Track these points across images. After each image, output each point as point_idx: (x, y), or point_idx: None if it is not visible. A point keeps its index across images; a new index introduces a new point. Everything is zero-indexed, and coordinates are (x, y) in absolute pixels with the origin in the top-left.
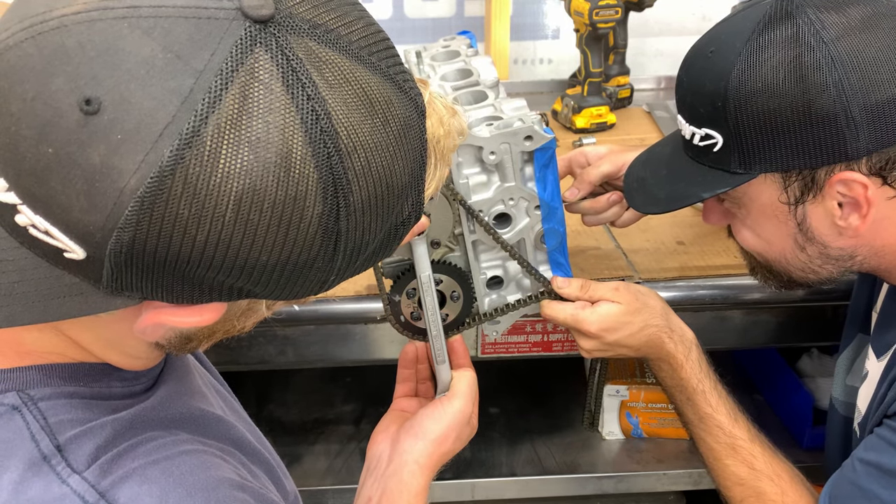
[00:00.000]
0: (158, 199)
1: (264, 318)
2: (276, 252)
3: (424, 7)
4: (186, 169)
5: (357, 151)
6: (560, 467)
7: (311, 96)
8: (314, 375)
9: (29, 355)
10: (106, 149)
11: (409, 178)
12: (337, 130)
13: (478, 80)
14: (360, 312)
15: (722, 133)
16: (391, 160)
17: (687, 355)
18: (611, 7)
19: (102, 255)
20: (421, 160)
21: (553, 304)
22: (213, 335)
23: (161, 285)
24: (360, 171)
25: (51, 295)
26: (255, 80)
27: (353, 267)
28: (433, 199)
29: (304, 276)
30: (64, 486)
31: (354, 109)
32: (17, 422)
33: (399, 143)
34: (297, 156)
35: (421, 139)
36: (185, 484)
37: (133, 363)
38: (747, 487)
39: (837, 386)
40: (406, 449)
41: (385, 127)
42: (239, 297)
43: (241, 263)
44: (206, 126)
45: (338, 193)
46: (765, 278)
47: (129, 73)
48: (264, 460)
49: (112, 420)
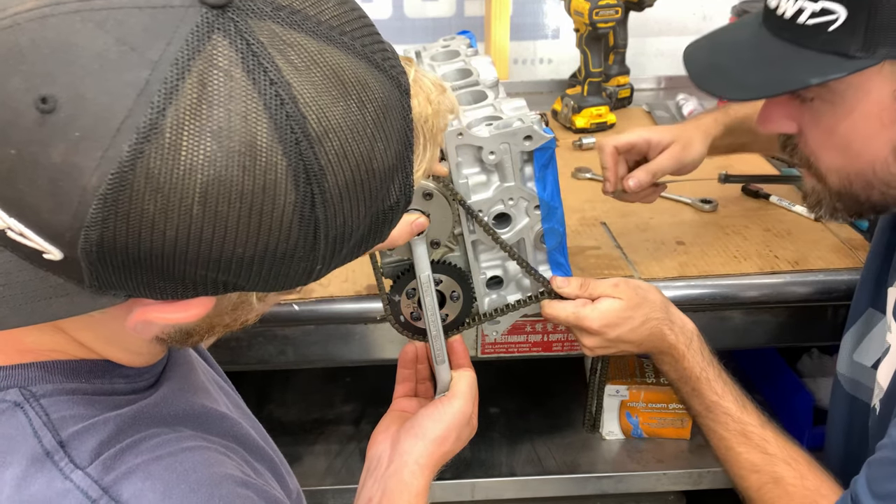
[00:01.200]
0: (121, 195)
1: (261, 311)
2: (251, 244)
3: (424, 7)
4: (147, 163)
5: (329, 136)
6: (560, 467)
7: (274, 81)
8: (314, 375)
9: (30, 353)
10: (65, 147)
11: (393, 160)
12: (304, 115)
13: (477, 80)
14: (360, 312)
15: (848, 5)
16: (370, 143)
17: (688, 345)
18: (611, 7)
19: (76, 254)
20: (406, 141)
21: (554, 303)
22: (212, 329)
23: (142, 282)
24: (334, 156)
25: (37, 296)
26: (214, 67)
27: (341, 255)
28: (433, 199)
29: (286, 266)
30: (67, 481)
31: (324, 92)
32: (19, 418)
33: (378, 124)
34: (262, 143)
35: (405, 119)
36: (189, 480)
37: (135, 359)
38: (763, 474)
39: (842, 362)
40: (406, 449)
41: (361, 108)
42: (225, 291)
43: (217, 256)
44: (164, 118)
45: (311, 180)
46: (832, 209)
47: (84, 68)
48: (268, 457)
49: (115, 416)
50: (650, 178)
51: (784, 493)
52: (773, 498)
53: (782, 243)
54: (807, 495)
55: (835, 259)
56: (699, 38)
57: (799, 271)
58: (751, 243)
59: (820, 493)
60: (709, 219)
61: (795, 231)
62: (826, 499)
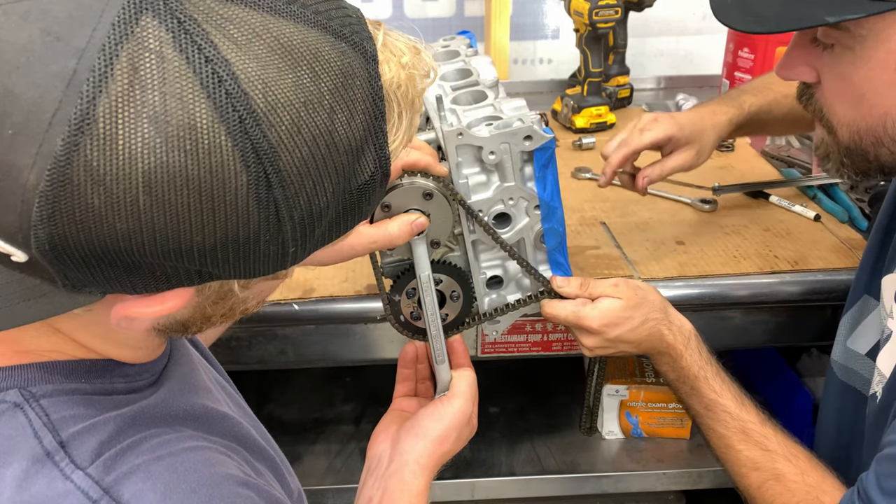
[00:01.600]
0: (62, 191)
1: (258, 299)
2: (210, 230)
3: (424, 7)
4: (84, 155)
5: (277, 111)
6: (560, 467)
7: (210, 58)
8: (314, 375)
9: (28, 354)
10: (1, 146)
11: (360, 132)
12: (246, 91)
13: (477, 80)
14: (360, 312)
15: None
16: (328, 115)
17: (686, 344)
18: (610, 7)
19: (33, 254)
20: (375, 111)
21: (554, 302)
22: (208, 319)
23: (112, 278)
24: (286, 133)
25: (16, 299)
26: (145, 49)
27: (316, 235)
28: (433, 199)
29: (255, 251)
30: (67, 482)
31: (269, 65)
32: (19, 419)
33: (337, 95)
34: (203, 124)
35: (371, 87)
36: (189, 480)
37: (135, 354)
38: (764, 471)
39: (837, 349)
40: (406, 449)
41: (315, 80)
42: (200, 281)
43: (176, 246)
44: (95, 107)
45: (262, 160)
46: (839, 164)
47: (10, 63)
48: (269, 457)
49: (115, 416)
50: (662, 178)
51: (785, 490)
52: (775, 495)
53: (782, 243)
54: (809, 491)
55: (834, 259)
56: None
57: (799, 271)
58: (750, 243)
59: (822, 489)
60: (708, 219)
61: (795, 231)
62: (828, 495)
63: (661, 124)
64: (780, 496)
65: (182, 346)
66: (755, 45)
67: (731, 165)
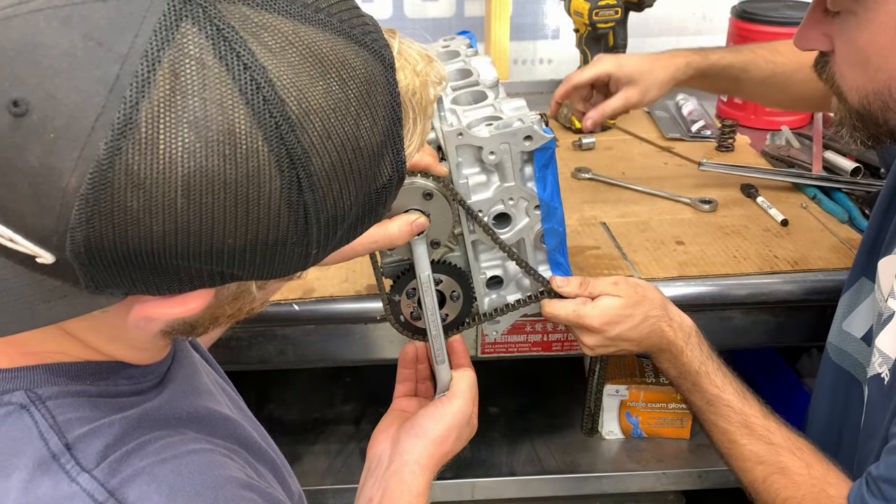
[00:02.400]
0: (103, 194)
1: (263, 300)
2: (241, 233)
3: (424, 7)
4: (126, 159)
5: (310, 117)
6: (560, 467)
7: (248, 65)
8: (314, 375)
9: (34, 355)
10: (41, 150)
11: (381, 137)
12: (282, 98)
13: (477, 80)
14: (360, 312)
15: None
16: (355, 121)
17: (686, 340)
18: (610, 7)
19: (66, 256)
20: (394, 117)
21: (554, 302)
22: (216, 320)
23: (137, 279)
24: (317, 138)
25: (36, 300)
26: (185, 56)
27: (336, 238)
28: (433, 199)
29: (280, 253)
30: (73, 484)
31: (302, 73)
32: (25, 420)
33: (362, 101)
34: (241, 130)
35: (391, 94)
36: (194, 483)
37: (140, 356)
38: (768, 465)
39: (833, 330)
40: (406, 449)
41: (342, 87)
42: (223, 282)
43: (208, 248)
44: (138, 112)
45: (295, 164)
46: (851, 128)
47: (52, 68)
48: (270, 459)
49: (120, 418)
50: (604, 118)
51: (791, 483)
52: (780, 488)
53: (782, 243)
54: (815, 484)
55: (834, 259)
56: None
57: (799, 271)
58: (750, 243)
59: (827, 482)
60: (708, 219)
61: (795, 231)
62: (834, 487)
63: (601, 62)
64: (785, 489)
65: (184, 348)
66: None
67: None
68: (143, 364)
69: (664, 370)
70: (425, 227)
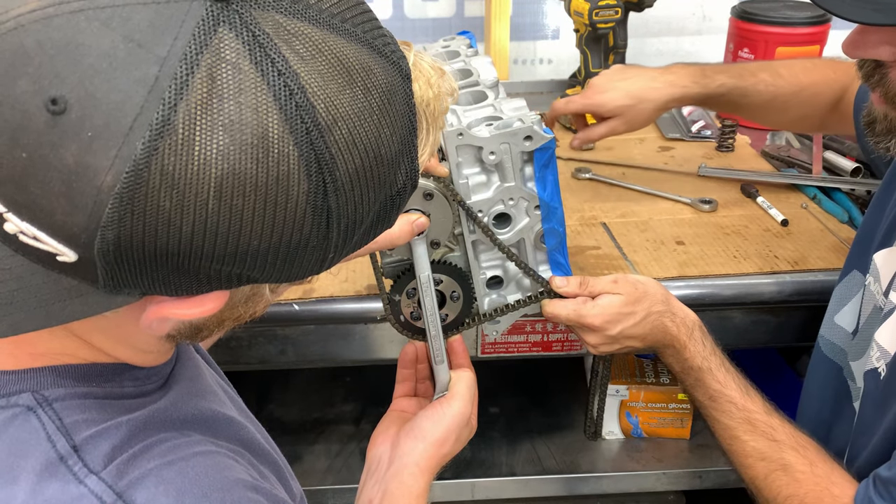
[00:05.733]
0: (137, 193)
1: (270, 302)
2: (266, 235)
3: (424, 7)
4: (162, 160)
5: (338, 124)
6: (560, 467)
7: (282, 72)
8: (314, 375)
9: (41, 357)
10: (78, 148)
11: (399, 145)
12: (313, 104)
13: (477, 81)
14: (360, 312)
15: None
16: (377, 129)
17: (689, 336)
18: (610, 7)
19: (92, 255)
20: (410, 126)
21: (554, 302)
22: (222, 323)
23: (157, 279)
24: (343, 144)
25: (51, 299)
26: (222, 60)
27: (352, 242)
28: (433, 199)
29: (300, 256)
30: (81, 486)
31: (331, 80)
32: (32, 422)
33: (384, 110)
34: (274, 134)
35: (408, 104)
36: (201, 485)
37: (145, 358)
38: (771, 461)
39: (825, 323)
40: (406, 451)
41: (366, 95)
42: (239, 284)
43: (233, 250)
44: (176, 113)
45: (322, 169)
46: (890, 129)
47: (92, 67)
48: (272, 461)
49: (126, 420)
50: (584, 144)
51: (793, 481)
52: (781, 486)
53: (782, 243)
54: (818, 483)
55: (834, 259)
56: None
57: (799, 271)
58: (750, 243)
59: (831, 481)
60: (708, 219)
61: (795, 231)
62: (838, 486)
63: (585, 99)
64: (786, 487)
65: (187, 350)
66: (755, 46)
67: (730, 165)
68: (148, 366)
69: (668, 365)
70: (425, 227)
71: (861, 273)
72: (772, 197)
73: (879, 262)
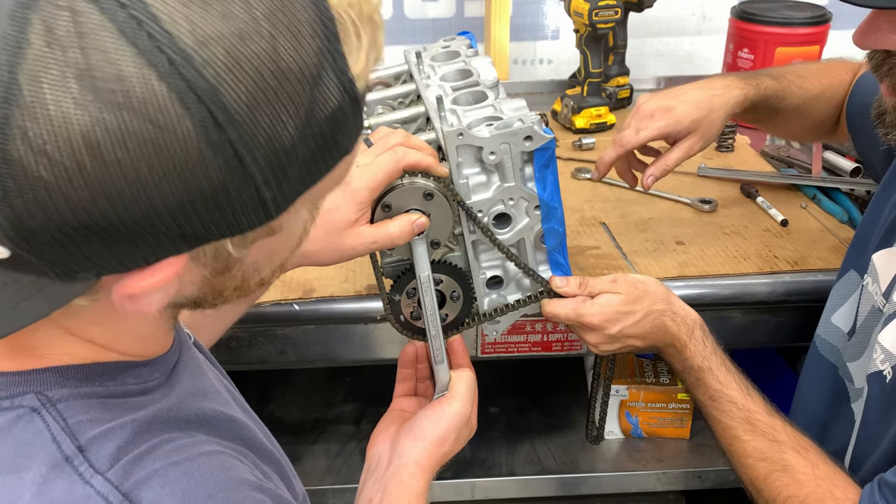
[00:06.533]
0: (6, 169)
1: (271, 266)
2: (169, 185)
3: (424, 7)
4: (18, 127)
5: (209, 46)
6: (560, 467)
7: (124, 3)
8: (314, 375)
9: (42, 358)
10: None
11: (311, 57)
12: (169, 31)
13: (477, 81)
14: (360, 312)
15: None
16: (269, 43)
17: (690, 335)
18: (610, 7)
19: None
20: (325, 33)
21: (554, 301)
22: (220, 293)
23: (94, 256)
24: (222, 68)
25: (16, 299)
26: (56, 7)
27: (292, 177)
28: (433, 199)
29: (229, 201)
30: (87, 486)
31: (191, 1)
32: (36, 424)
33: (275, 20)
34: (130, 73)
35: (315, 7)
36: (207, 485)
37: (148, 345)
38: (771, 462)
39: (822, 323)
40: (406, 450)
41: (247, 7)
42: (188, 245)
43: (144, 208)
44: (16, 75)
45: (203, 100)
46: None
47: None
48: (275, 461)
49: (131, 420)
50: (666, 173)
51: (793, 482)
52: (782, 486)
53: (782, 243)
54: (819, 484)
55: (834, 259)
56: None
57: (798, 271)
58: (750, 243)
59: (833, 483)
60: (708, 219)
61: (795, 231)
62: (840, 489)
63: (657, 122)
64: (787, 487)
65: (189, 350)
66: (755, 46)
67: (729, 165)
68: (152, 357)
69: (670, 363)
70: (426, 227)
71: (858, 273)
72: (771, 197)
73: (878, 263)
